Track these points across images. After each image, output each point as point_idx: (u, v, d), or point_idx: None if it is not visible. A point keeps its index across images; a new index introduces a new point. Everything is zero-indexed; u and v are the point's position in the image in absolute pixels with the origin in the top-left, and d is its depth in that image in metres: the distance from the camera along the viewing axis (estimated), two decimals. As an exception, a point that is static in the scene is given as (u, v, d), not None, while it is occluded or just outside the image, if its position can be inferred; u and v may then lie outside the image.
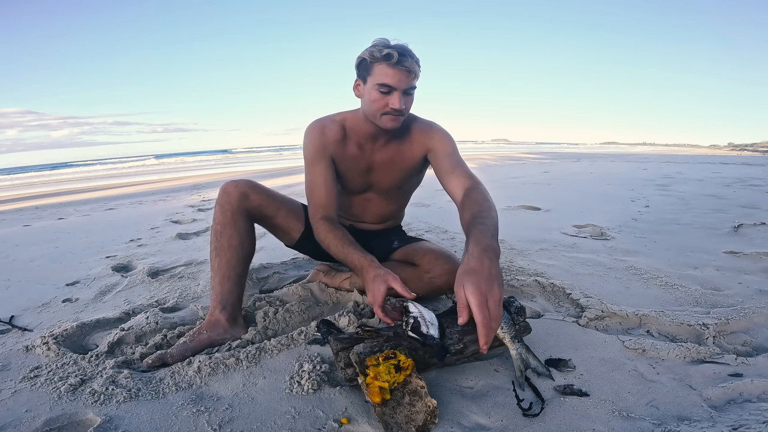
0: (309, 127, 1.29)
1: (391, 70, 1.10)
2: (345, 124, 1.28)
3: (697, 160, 9.60)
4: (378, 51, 1.10)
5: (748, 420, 0.79)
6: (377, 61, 1.11)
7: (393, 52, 1.09)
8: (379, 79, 1.12)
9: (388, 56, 1.09)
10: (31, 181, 12.30)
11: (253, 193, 1.24)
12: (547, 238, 2.25)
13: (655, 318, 1.23)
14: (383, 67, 1.11)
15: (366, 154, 1.29)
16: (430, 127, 1.30)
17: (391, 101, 1.13)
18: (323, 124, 1.28)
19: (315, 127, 1.28)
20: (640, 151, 20.43)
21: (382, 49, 1.10)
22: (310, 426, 0.81)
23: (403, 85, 1.12)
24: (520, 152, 16.35)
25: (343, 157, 1.28)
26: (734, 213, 2.84)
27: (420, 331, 0.90)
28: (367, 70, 1.14)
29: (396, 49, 1.10)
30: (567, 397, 0.88)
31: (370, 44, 1.15)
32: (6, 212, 4.45)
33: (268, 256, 1.98)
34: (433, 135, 1.29)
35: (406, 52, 1.11)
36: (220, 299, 1.16)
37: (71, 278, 1.79)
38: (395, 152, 1.30)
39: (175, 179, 8.12)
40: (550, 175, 6.06)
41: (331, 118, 1.29)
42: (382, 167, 1.31)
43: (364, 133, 1.26)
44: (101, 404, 0.88)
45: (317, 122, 1.29)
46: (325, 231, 1.19)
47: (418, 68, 1.14)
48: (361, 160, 1.30)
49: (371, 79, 1.14)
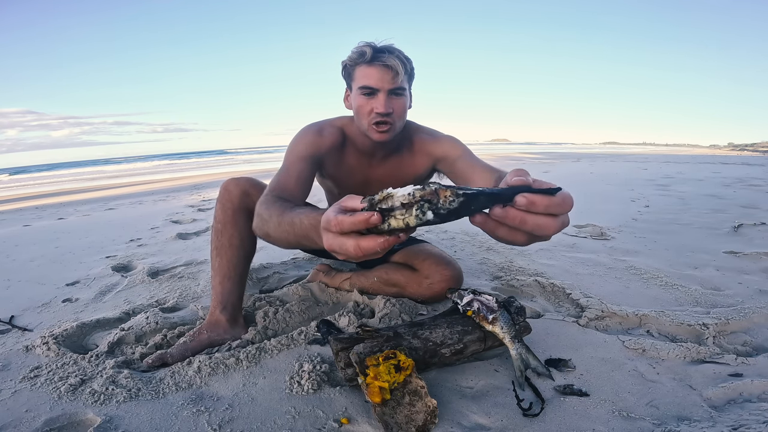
0: (306, 127, 1.21)
1: (369, 69, 1.02)
2: (345, 130, 1.21)
3: (697, 160, 9.60)
4: (355, 52, 1.04)
5: (748, 420, 0.79)
6: (356, 64, 1.05)
7: (366, 48, 1.01)
8: (361, 81, 1.04)
9: (362, 54, 1.02)
10: (32, 182, 12.29)
11: (254, 191, 1.21)
12: (547, 238, 2.25)
13: (655, 318, 1.23)
14: (363, 68, 1.04)
15: (363, 167, 1.23)
16: (435, 136, 1.23)
17: (375, 104, 1.04)
18: (321, 126, 1.20)
19: (312, 127, 1.19)
20: (640, 151, 20.42)
21: (357, 49, 1.03)
22: (310, 426, 0.81)
23: (387, 84, 1.03)
24: (520, 152, 16.35)
25: (340, 166, 1.21)
26: (734, 213, 2.84)
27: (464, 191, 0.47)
28: (350, 76, 1.09)
29: (372, 46, 1.02)
30: (567, 397, 0.88)
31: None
32: (6, 212, 4.45)
33: (268, 256, 1.98)
34: (440, 143, 1.21)
35: (384, 49, 1.03)
36: (220, 299, 1.16)
37: (71, 278, 1.79)
38: (395, 167, 1.23)
39: (175, 179, 8.12)
40: (549, 175, 6.06)
41: (331, 122, 1.21)
42: (380, 184, 1.24)
43: (361, 145, 1.20)
44: (101, 404, 0.88)
45: (315, 124, 1.21)
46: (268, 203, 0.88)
47: (401, 65, 1.03)
48: (357, 174, 1.23)
49: (354, 84, 1.07)
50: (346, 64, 1.08)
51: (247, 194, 1.20)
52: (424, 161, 1.24)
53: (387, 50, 1.03)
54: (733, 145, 30.39)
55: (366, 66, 1.03)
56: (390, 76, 1.03)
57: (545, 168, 7.44)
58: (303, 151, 1.12)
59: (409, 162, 1.24)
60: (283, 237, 0.78)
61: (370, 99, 1.05)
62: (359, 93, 1.06)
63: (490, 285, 1.55)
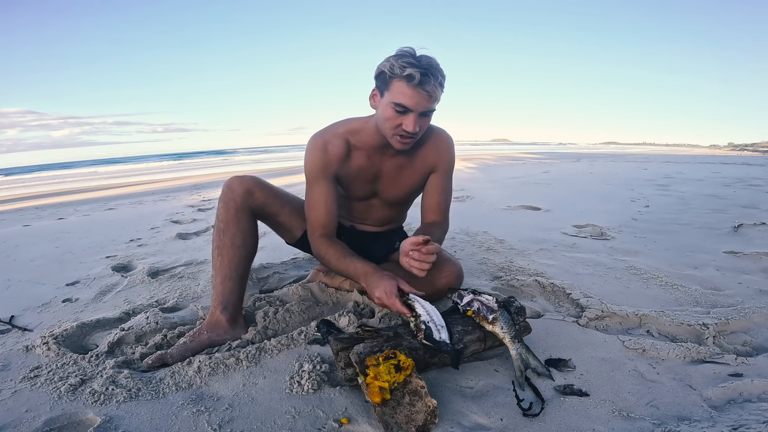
0: (311, 142, 1.22)
1: (410, 91, 1.01)
2: (350, 138, 1.21)
3: (697, 160, 9.60)
4: (400, 67, 1.00)
5: (748, 420, 0.79)
6: (397, 78, 1.01)
7: (416, 73, 0.98)
8: (397, 98, 1.03)
9: (410, 77, 0.99)
10: (32, 182, 12.30)
11: (257, 190, 1.21)
12: (547, 238, 2.25)
13: (655, 318, 1.23)
14: (402, 85, 1.01)
15: (374, 163, 1.24)
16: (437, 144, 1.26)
17: (405, 123, 1.05)
18: (325, 140, 1.20)
19: (317, 143, 1.20)
20: (640, 151, 20.43)
21: (405, 67, 0.99)
22: (310, 426, 0.81)
23: (421, 108, 1.04)
24: (520, 152, 16.35)
25: (349, 170, 1.23)
26: (734, 213, 2.84)
27: (433, 339, 0.91)
28: (385, 84, 1.05)
29: (421, 68, 0.99)
30: (567, 397, 0.89)
31: (395, 53, 1.05)
32: (6, 212, 4.45)
33: (268, 256, 1.98)
34: (440, 152, 1.26)
35: (430, 72, 1.01)
36: (221, 299, 1.16)
37: (71, 278, 1.79)
38: (404, 163, 1.26)
39: (175, 179, 8.12)
40: (550, 175, 6.06)
41: (334, 132, 1.21)
42: (389, 177, 1.27)
43: (373, 143, 1.20)
44: (101, 404, 0.88)
45: (319, 137, 1.21)
46: (325, 246, 1.20)
47: (440, 91, 1.05)
48: (368, 169, 1.25)
49: (388, 95, 1.05)
50: (387, 73, 1.04)
51: (251, 193, 1.20)
52: (426, 165, 1.27)
53: (431, 73, 1.01)
54: (733, 145, 30.39)
55: (407, 86, 1.01)
56: (427, 101, 1.04)
57: (545, 168, 7.44)
58: (317, 173, 1.20)
59: (417, 162, 1.26)
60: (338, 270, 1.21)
61: (401, 116, 1.05)
62: (392, 107, 1.04)
63: (490, 285, 1.55)
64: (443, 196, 1.31)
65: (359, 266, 1.12)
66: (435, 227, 1.26)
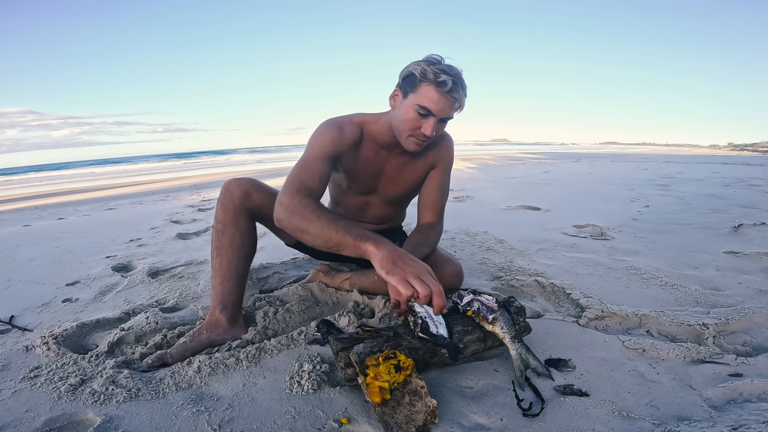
0: (325, 123, 1.21)
1: (437, 96, 1.05)
2: (363, 128, 1.23)
3: (697, 160, 9.60)
4: (433, 73, 1.03)
5: (748, 420, 0.79)
6: (427, 82, 1.05)
7: (449, 79, 1.03)
8: (423, 101, 1.06)
9: (443, 84, 1.03)
10: (32, 182, 12.30)
11: (255, 191, 1.21)
12: (547, 238, 2.25)
13: (655, 318, 1.23)
14: (431, 89, 1.05)
15: (380, 158, 1.26)
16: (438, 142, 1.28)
17: (424, 126, 1.08)
18: (342, 123, 1.21)
19: (334, 123, 1.20)
20: (640, 151, 20.42)
21: (439, 74, 1.03)
22: (310, 426, 0.81)
23: (443, 113, 1.08)
24: (520, 152, 16.35)
25: (356, 159, 1.25)
26: (734, 213, 2.84)
27: (430, 332, 0.91)
28: (412, 86, 1.08)
29: (452, 76, 1.04)
30: (567, 397, 0.89)
31: (423, 59, 1.08)
32: (6, 212, 4.45)
33: (268, 256, 1.98)
34: (441, 150, 1.29)
35: (459, 81, 1.06)
36: (220, 299, 1.16)
37: (71, 278, 1.79)
38: (408, 161, 1.28)
39: (175, 179, 8.13)
40: (550, 175, 6.06)
41: (350, 119, 1.23)
42: (390, 175, 1.29)
43: (382, 140, 1.22)
44: (101, 404, 0.88)
45: (335, 120, 1.22)
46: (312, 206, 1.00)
47: (464, 100, 1.10)
48: (373, 164, 1.27)
49: (413, 96, 1.07)
50: (417, 76, 1.06)
51: (248, 195, 1.20)
52: (427, 165, 1.30)
53: (461, 84, 1.07)
54: (733, 145, 30.39)
55: (436, 91, 1.04)
56: (450, 108, 1.08)
57: (545, 168, 7.44)
58: (324, 149, 1.15)
59: (420, 161, 1.29)
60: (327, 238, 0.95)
61: (423, 119, 1.08)
62: (415, 108, 1.07)
63: (490, 285, 1.55)
64: (441, 193, 1.32)
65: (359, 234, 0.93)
66: (431, 231, 1.27)
